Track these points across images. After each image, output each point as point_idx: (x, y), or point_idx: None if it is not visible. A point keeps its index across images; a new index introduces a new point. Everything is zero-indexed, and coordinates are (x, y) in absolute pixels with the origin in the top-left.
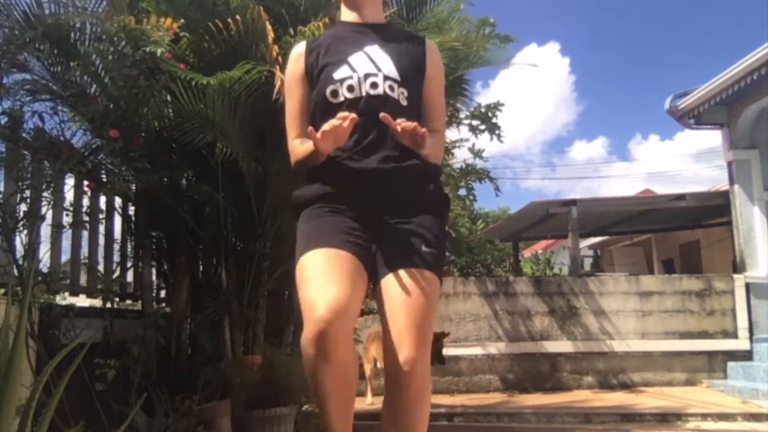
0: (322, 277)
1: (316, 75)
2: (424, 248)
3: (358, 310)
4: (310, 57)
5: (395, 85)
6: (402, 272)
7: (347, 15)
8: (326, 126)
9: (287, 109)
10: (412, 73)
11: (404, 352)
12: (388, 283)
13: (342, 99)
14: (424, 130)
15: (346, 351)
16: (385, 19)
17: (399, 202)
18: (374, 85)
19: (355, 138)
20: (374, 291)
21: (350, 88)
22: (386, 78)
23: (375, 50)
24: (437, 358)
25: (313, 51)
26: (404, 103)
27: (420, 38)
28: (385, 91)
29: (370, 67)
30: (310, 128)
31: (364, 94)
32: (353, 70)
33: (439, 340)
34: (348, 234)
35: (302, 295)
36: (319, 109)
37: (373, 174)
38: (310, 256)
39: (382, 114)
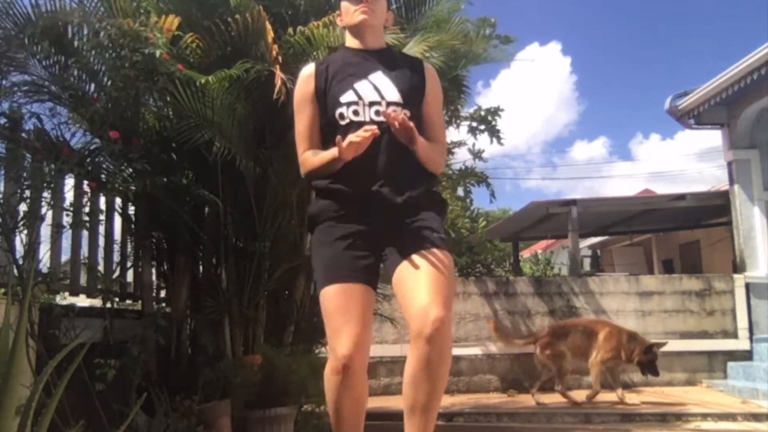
0: (342, 316)
1: (324, 97)
2: (434, 234)
3: (370, 339)
4: (319, 79)
5: (398, 109)
6: (419, 253)
7: (351, 42)
8: (354, 137)
9: (298, 125)
10: (412, 95)
11: (433, 312)
12: (409, 262)
13: (348, 121)
14: (411, 124)
15: (362, 380)
16: (385, 44)
17: (404, 208)
18: (377, 113)
19: (361, 159)
20: (391, 281)
21: (355, 113)
22: (389, 104)
23: (378, 77)
24: (651, 369)
25: (321, 74)
26: None
27: (418, 60)
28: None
29: (374, 95)
30: (338, 137)
31: (368, 119)
32: (359, 97)
33: (652, 350)
34: (359, 259)
35: (328, 328)
36: (325, 130)
37: (379, 195)
38: (330, 292)
39: (382, 109)
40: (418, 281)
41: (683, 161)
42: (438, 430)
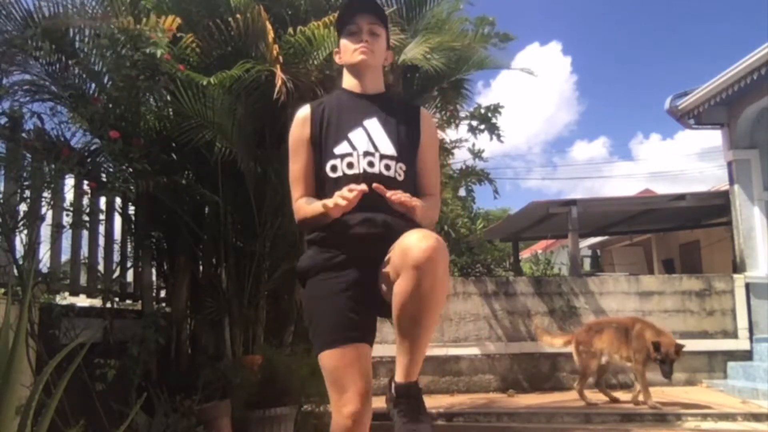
0: (347, 376)
1: (318, 145)
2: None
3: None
4: (314, 124)
5: (392, 163)
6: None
7: (349, 82)
8: (340, 200)
9: (292, 169)
10: (407, 146)
11: (425, 242)
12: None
13: (341, 174)
14: (414, 203)
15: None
16: (383, 88)
17: (389, 238)
18: (371, 164)
19: (354, 212)
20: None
21: (350, 165)
22: (383, 157)
23: (374, 125)
24: (671, 370)
25: (316, 118)
26: (400, 177)
27: (415, 108)
28: (380, 171)
29: (368, 146)
30: (324, 202)
31: (361, 171)
32: (353, 147)
33: (678, 351)
34: (359, 314)
35: (332, 388)
36: (318, 180)
37: (371, 248)
38: (333, 356)
39: (375, 185)
40: (404, 235)
41: (684, 161)
42: (438, 430)
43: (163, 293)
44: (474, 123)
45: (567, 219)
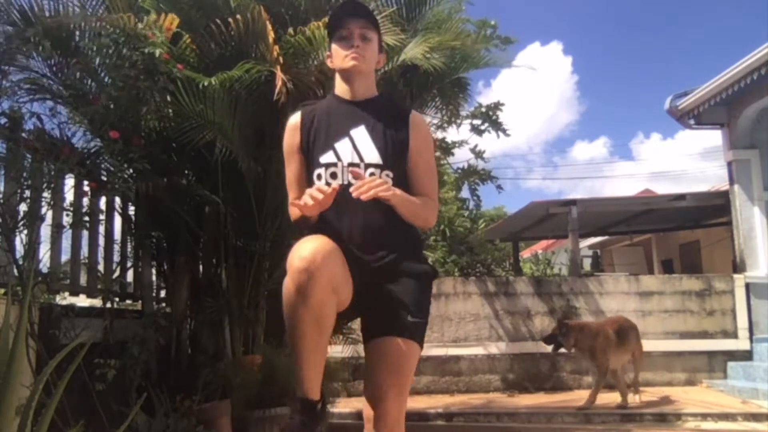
0: (314, 239)
1: (307, 152)
2: (409, 318)
3: (339, 273)
4: (303, 132)
5: (377, 171)
6: (388, 339)
7: (340, 87)
8: (306, 198)
9: (287, 174)
10: (395, 153)
11: (383, 405)
12: (376, 346)
13: (324, 183)
14: (378, 180)
15: (324, 295)
16: (374, 92)
17: (381, 272)
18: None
19: (337, 220)
20: (364, 344)
21: (333, 175)
22: (368, 166)
23: (360, 134)
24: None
25: (306, 125)
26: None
27: (405, 112)
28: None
29: (353, 156)
30: (295, 201)
31: (347, 182)
32: (338, 158)
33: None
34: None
35: (292, 251)
36: (310, 185)
37: (355, 257)
38: (307, 237)
39: (351, 168)
40: (380, 372)
41: (685, 160)
42: (438, 430)
43: (163, 293)
44: (476, 122)
45: (567, 219)
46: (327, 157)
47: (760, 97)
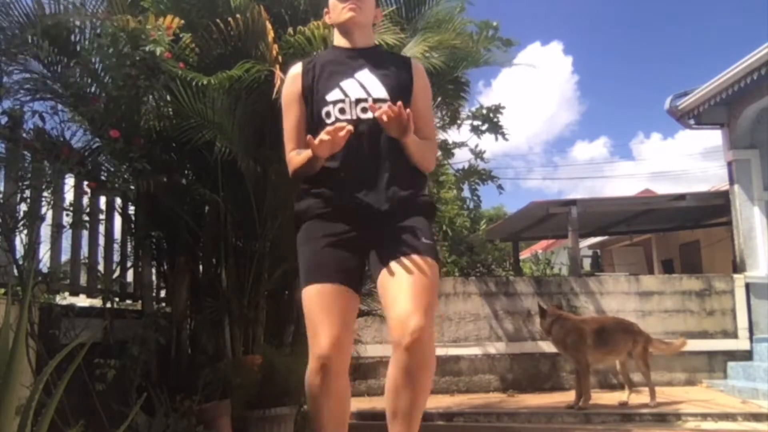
0: (321, 315)
1: (310, 96)
2: (423, 240)
3: (351, 341)
4: (306, 78)
5: (385, 106)
6: (404, 258)
7: (339, 40)
8: (323, 135)
9: (285, 124)
10: (400, 91)
11: (413, 321)
12: (392, 268)
13: (334, 119)
14: (408, 110)
15: (344, 383)
16: (374, 43)
17: (390, 214)
18: (364, 110)
19: (348, 160)
20: (376, 283)
21: (342, 111)
22: (376, 101)
23: (365, 75)
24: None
25: (308, 72)
26: None
27: (405, 58)
28: (374, 116)
29: (360, 92)
30: (309, 136)
31: (355, 117)
32: (345, 95)
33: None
34: (343, 260)
35: (308, 327)
36: (313, 128)
37: (364, 204)
38: (311, 291)
39: (369, 104)
40: (399, 288)
41: (685, 160)
42: (438, 430)
43: (163, 293)
44: (476, 123)
45: (567, 219)
46: (334, 95)
47: (760, 97)
